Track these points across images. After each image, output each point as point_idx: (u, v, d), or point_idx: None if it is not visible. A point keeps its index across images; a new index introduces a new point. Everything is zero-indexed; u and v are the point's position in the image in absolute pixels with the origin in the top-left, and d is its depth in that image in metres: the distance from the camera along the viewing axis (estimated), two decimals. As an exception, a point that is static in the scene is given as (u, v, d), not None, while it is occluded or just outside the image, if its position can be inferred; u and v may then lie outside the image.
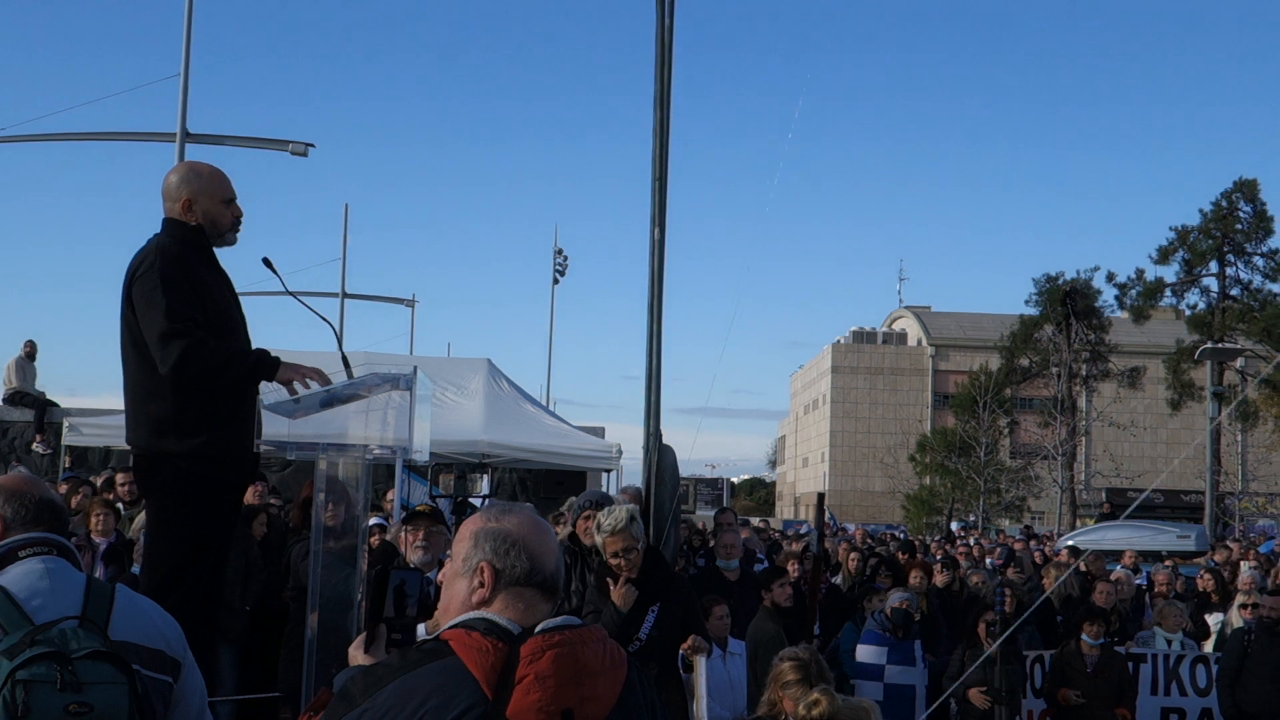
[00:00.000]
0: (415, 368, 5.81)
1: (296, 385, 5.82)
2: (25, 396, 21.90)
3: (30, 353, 22.55)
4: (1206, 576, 17.51)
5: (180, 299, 5.79)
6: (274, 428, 5.87)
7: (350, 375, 5.86)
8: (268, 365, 5.89)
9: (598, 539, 7.96)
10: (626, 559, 7.80)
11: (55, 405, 22.07)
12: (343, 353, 6.00)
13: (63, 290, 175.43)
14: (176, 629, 3.49)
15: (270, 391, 5.87)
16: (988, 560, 22.92)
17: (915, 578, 13.56)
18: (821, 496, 12.36)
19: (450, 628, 3.21)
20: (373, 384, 5.81)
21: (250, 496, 12.04)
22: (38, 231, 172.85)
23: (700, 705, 7.88)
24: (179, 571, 5.85)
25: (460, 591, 3.30)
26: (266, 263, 6.36)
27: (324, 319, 6.21)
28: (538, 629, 3.18)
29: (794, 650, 7.43)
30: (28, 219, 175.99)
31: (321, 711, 3.24)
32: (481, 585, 3.26)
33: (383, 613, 3.51)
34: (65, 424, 20.47)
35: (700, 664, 7.97)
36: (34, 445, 21.37)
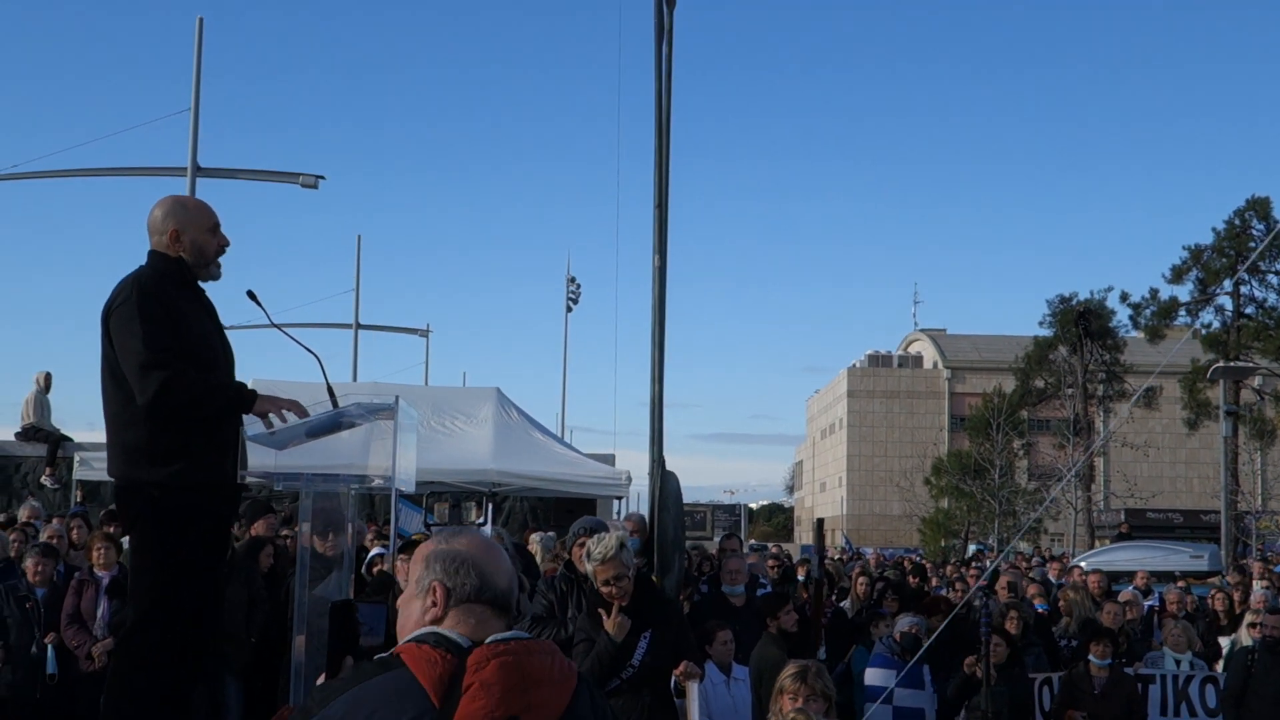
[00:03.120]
0: (396, 397, 5.84)
1: (273, 418, 5.84)
2: (39, 431, 21.94)
3: (46, 385, 22.60)
4: (1218, 596, 17.45)
5: (157, 329, 5.82)
6: (261, 458, 5.91)
7: (335, 405, 5.88)
8: (246, 397, 5.92)
9: (588, 567, 7.97)
10: (617, 586, 7.81)
11: (69, 440, 22.11)
12: (328, 383, 6.02)
13: (79, 324, 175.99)
14: None
15: (254, 422, 5.90)
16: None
17: (936, 620, 13.41)
18: (820, 521, 12.39)
19: (403, 643, 3.32)
20: (357, 414, 5.84)
21: (261, 528, 12.10)
22: (54, 265, 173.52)
23: (692, 710, 7.88)
24: (162, 601, 5.85)
25: (414, 612, 3.41)
26: (251, 295, 6.39)
27: (309, 350, 6.22)
28: (487, 641, 3.27)
29: (796, 661, 7.45)
30: (42, 254, 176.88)
31: None
32: (434, 604, 3.36)
33: (344, 645, 3.58)
34: (76, 458, 20.54)
35: (693, 690, 7.95)
36: (44, 479, 21.43)
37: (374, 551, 12.55)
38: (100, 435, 6.08)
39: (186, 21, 25.53)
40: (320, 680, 3.68)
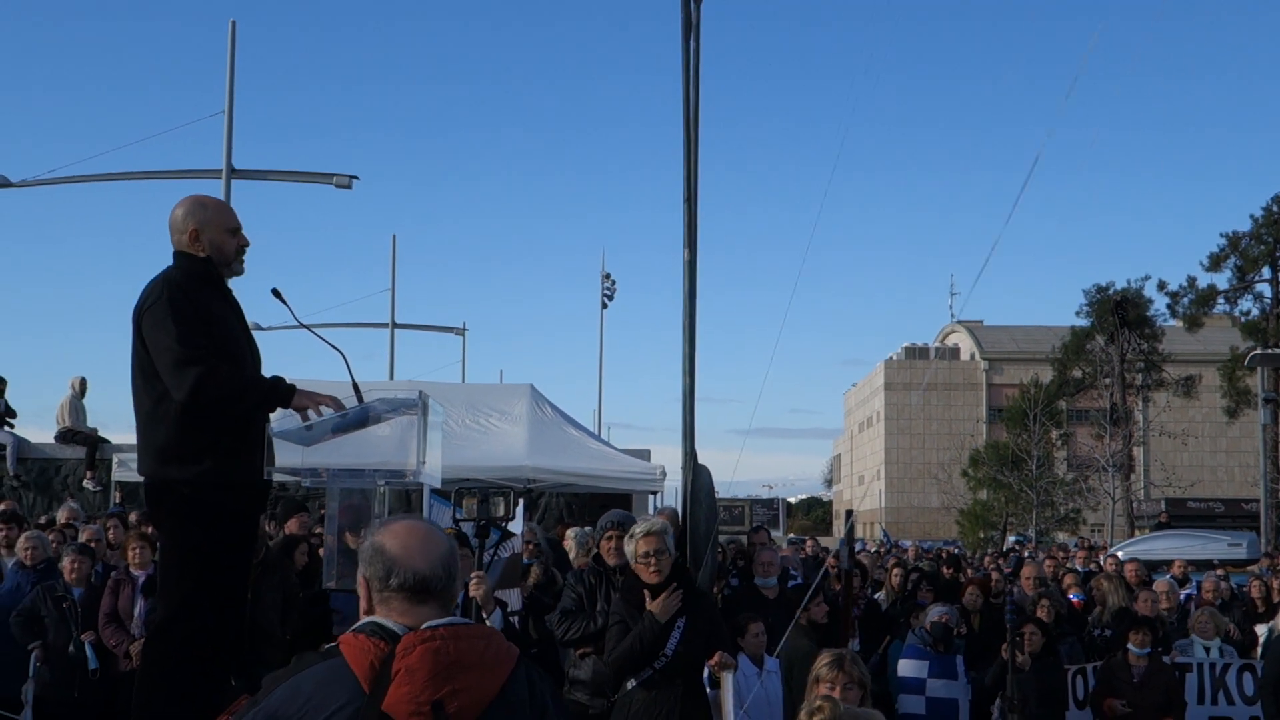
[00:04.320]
0: (420, 392, 5.89)
1: (310, 412, 5.90)
2: (76, 434, 22.12)
3: (81, 390, 22.79)
4: (1256, 584, 17.38)
5: (190, 328, 5.87)
6: (288, 456, 5.96)
7: (361, 401, 5.94)
8: (282, 392, 5.97)
9: (628, 547, 8.11)
10: (656, 560, 7.93)
11: (106, 442, 22.29)
12: (354, 380, 6.07)
13: (117, 327, 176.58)
14: None
15: (282, 418, 5.95)
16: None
17: (971, 595, 13.49)
18: (850, 513, 12.44)
19: (346, 633, 3.45)
20: (382, 410, 5.89)
21: (294, 526, 12.19)
22: (90, 269, 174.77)
23: (727, 702, 7.93)
24: (190, 599, 5.91)
25: (361, 605, 3.55)
26: (276, 293, 6.46)
27: (334, 348, 6.26)
28: (422, 627, 3.37)
29: (830, 650, 7.46)
30: (79, 258, 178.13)
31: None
32: (365, 596, 3.52)
33: (319, 633, 3.71)
34: (115, 460, 20.70)
35: (727, 680, 8.01)
36: (84, 482, 21.61)
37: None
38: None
39: (219, 25, 25.75)
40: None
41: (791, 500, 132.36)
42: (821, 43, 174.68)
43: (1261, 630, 14.81)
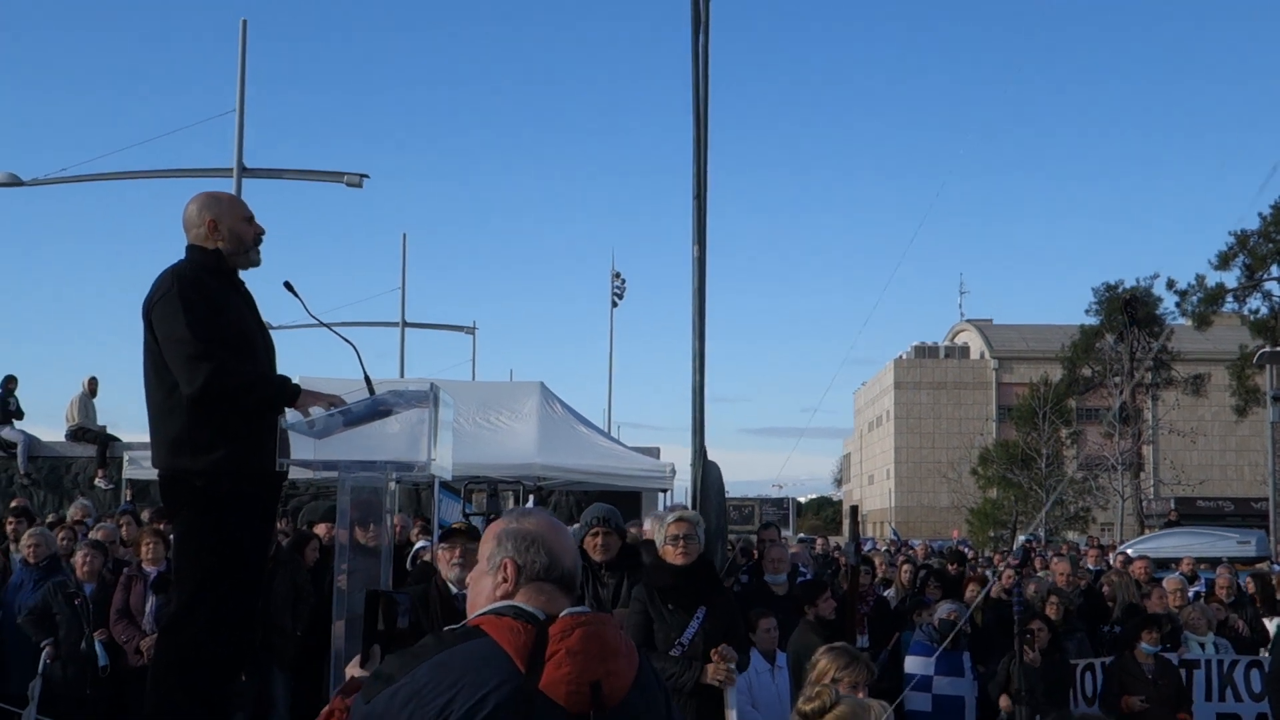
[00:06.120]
0: (431, 384, 5.93)
1: (314, 410, 5.94)
2: (87, 432, 22.23)
3: (92, 389, 22.91)
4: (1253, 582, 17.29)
5: (201, 320, 5.91)
6: (301, 449, 6.00)
7: (372, 393, 5.98)
8: (289, 392, 6.02)
9: (658, 532, 8.18)
10: (685, 544, 7.96)
11: (117, 440, 22.40)
12: (365, 374, 6.11)
13: (126, 326, 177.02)
14: None
15: (294, 413, 5.99)
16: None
17: (972, 591, 13.52)
18: (855, 509, 12.48)
19: (479, 615, 3.46)
20: (393, 404, 5.93)
21: (323, 530, 12.27)
22: (101, 268, 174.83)
23: (730, 715, 7.92)
24: (206, 588, 5.93)
25: (486, 588, 3.58)
26: (288, 286, 6.50)
27: (347, 341, 6.32)
28: (563, 614, 3.43)
29: (836, 647, 7.44)
30: (90, 257, 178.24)
31: (352, 695, 3.45)
32: (505, 580, 3.53)
33: (383, 632, 3.72)
34: (126, 458, 20.79)
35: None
36: (96, 480, 21.71)
37: (419, 544, 12.72)
38: (148, 435, 6.20)
39: (231, 24, 25.82)
40: (353, 664, 3.79)
41: (801, 500, 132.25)
42: (831, 40, 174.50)
43: (1272, 626, 14.83)
